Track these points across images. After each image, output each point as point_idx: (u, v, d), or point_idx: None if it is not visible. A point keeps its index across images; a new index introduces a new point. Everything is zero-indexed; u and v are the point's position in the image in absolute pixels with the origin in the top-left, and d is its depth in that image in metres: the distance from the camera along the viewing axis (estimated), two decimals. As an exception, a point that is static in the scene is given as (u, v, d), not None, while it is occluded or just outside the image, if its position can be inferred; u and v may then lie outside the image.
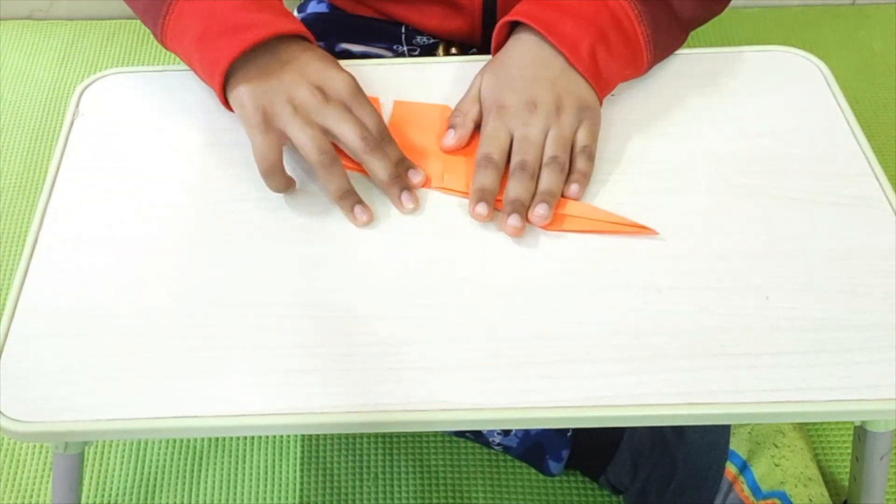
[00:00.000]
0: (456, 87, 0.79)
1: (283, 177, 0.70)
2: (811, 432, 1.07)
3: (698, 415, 0.60)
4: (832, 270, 0.66)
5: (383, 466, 1.07)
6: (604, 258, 0.68)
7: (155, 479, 1.06)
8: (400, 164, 0.71)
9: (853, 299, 0.65)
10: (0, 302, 1.19)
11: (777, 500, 0.90)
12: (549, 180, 0.69)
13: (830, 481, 1.02)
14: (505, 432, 0.99)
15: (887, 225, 0.69)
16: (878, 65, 1.53)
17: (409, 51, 0.96)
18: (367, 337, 0.63)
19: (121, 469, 1.07)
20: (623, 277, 0.66)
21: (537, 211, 0.68)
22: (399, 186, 0.70)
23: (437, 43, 0.95)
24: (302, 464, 1.07)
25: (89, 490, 1.05)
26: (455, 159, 0.74)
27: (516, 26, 0.77)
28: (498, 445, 1.00)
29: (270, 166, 0.69)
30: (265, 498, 1.04)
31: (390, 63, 0.86)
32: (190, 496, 1.05)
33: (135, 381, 0.61)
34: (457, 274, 0.67)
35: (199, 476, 1.06)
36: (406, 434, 1.09)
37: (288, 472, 1.06)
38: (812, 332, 0.63)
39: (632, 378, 0.61)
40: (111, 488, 1.05)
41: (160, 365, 0.62)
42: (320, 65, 0.72)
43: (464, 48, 0.95)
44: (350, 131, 0.70)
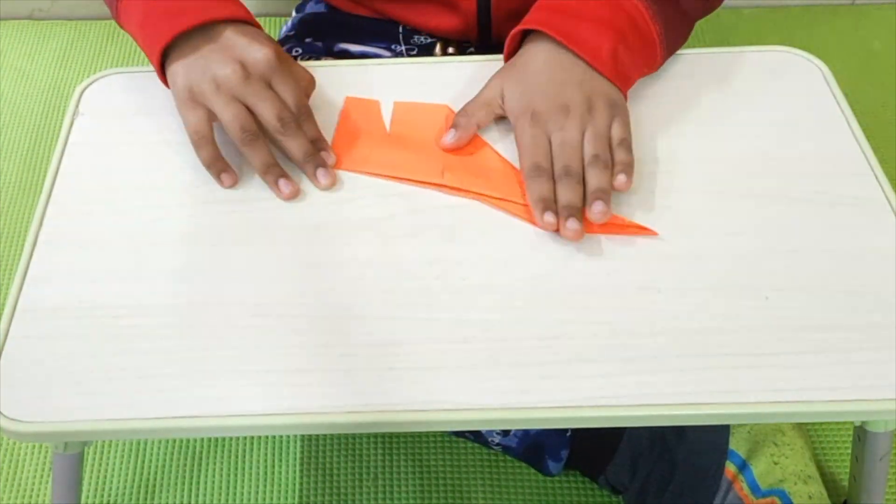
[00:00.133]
0: (455, 87, 0.79)
1: (214, 149, 0.73)
2: (811, 432, 1.07)
3: (698, 415, 0.60)
4: (832, 270, 0.66)
5: (383, 466, 1.06)
6: (604, 258, 0.68)
7: (154, 479, 1.06)
8: (316, 142, 0.74)
9: (853, 299, 0.65)
10: (0, 302, 1.19)
11: (776, 498, 0.90)
12: (598, 178, 0.70)
13: (830, 481, 1.02)
14: (504, 432, 0.99)
15: (887, 225, 0.69)
16: (878, 65, 1.53)
17: (407, 50, 0.96)
18: (367, 337, 0.63)
19: (120, 469, 1.07)
20: (623, 277, 0.66)
21: (595, 208, 0.69)
22: (313, 164, 0.73)
23: (435, 42, 0.95)
24: (301, 464, 1.07)
25: (89, 490, 1.05)
26: (455, 159, 0.74)
27: (530, 33, 0.77)
28: (497, 445, 1.00)
29: (200, 139, 0.73)
30: (264, 498, 1.04)
31: (390, 63, 0.86)
32: (189, 496, 1.05)
33: (135, 381, 0.61)
34: (457, 274, 0.67)
35: (199, 476, 1.06)
36: (406, 434, 1.09)
37: (287, 473, 1.06)
38: (812, 332, 0.63)
39: (632, 378, 0.61)
40: (110, 488, 1.05)
41: (160, 365, 0.62)
42: (245, 41, 0.74)
43: (461, 47, 0.95)
44: (267, 110, 0.72)
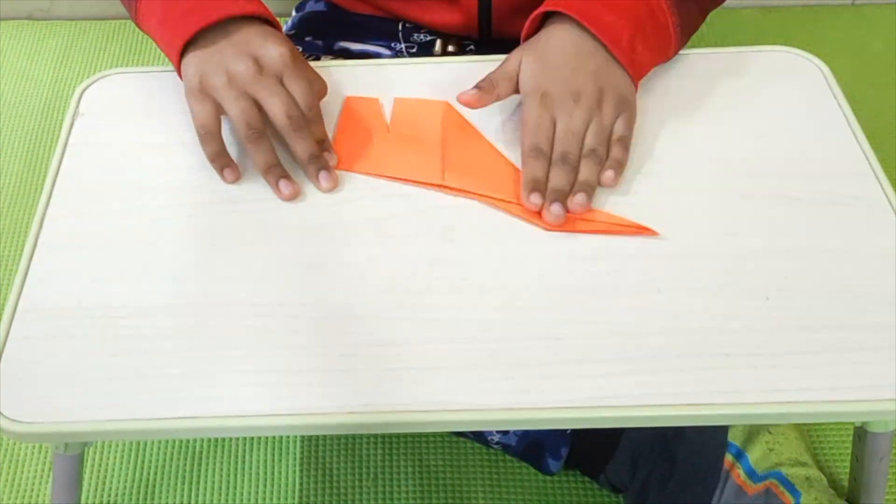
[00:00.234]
0: (455, 87, 0.78)
1: (219, 143, 0.73)
2: (811, 433, 1.07)
3: (698, 415, 0.60)
4: (832, 270, 0.66)
5: (383, 466, 1.06)
6: (604, 258, 0.68)
7: (154, 480, 1.06)
8: (322, 144, 0.74)
9: (853, 299, 0.65)
10: (0, 302, 1.19)
11: (774, 480, 0.90)
12: (589, 171, 0.71)
13: (830, 481, 1.02)
14: (503, 431, 0.99)
15: (887, 225, 0.69)
16: (878, 65, 1.53)
17: (407, 48, 0.96)
18: (367, 337, 0.63)
19: (120, 469, 1.07)
20: (623, 277, 0.66)
21: (577, 199, 0.70)
22: (316, 165, 0.72)
23: (435, 39, 0.95)
24: (301, 464, 1.07)
25: (89, 490, 1.05)
26: (456, 158, 0.74)
27: (551, 15, 0.78)
28: (497, 444, 1.00)
29: (206, 133, 0.73)
30: (264, 498, 1.04)
31: (390, 63, 0.86)
32: (189, 496, 1.05)
33: (134, 382, 0.61)
34: (457, 274, 0.67)
35: (199, 476, 1.06)
36: (405, 434, 1.09)
37: (287, 473, 1.06)
38: (812, 332, 0.63)
39: (632, 378, 0.61)
40: (110, 488, 1.05)
41: (160, 365, 0.62)
42: (261, 39, 0.74)
43: (461, 44, 0.95)
44: (276, 106, 0.72)
